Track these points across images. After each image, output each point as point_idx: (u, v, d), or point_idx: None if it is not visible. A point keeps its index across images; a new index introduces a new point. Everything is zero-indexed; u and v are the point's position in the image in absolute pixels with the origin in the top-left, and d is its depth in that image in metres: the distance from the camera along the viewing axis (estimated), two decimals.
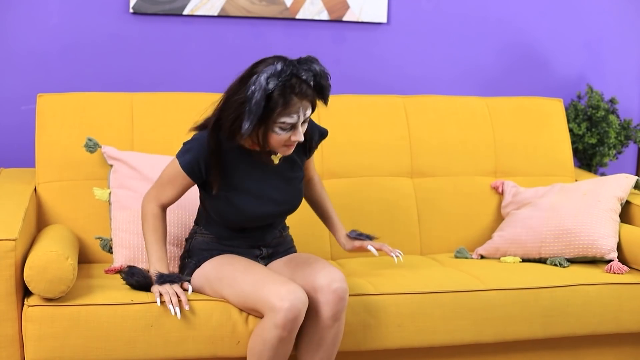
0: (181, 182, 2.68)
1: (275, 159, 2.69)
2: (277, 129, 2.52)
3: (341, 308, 2.59)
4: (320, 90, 2.53)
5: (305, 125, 2.57)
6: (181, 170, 2.65)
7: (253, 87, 2.46)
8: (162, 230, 2.73)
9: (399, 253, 2.88)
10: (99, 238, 3.06)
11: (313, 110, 2.57)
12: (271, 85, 2.45)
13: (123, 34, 3.58)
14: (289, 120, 2.50)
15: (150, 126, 3.23)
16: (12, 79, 3.50)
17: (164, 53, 3.64)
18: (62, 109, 3.19)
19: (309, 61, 2.51)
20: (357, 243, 2.89)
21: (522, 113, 3.62)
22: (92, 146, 3.10)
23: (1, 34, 3.48)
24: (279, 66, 2.47)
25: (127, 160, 3.08)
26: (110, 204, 3.06)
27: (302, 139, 2.55)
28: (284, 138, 2.54)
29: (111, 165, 3.10)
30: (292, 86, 2.47)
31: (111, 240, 3.03)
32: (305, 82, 2.49)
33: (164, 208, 2.75)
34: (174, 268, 2.90)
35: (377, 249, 2.87)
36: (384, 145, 3.42)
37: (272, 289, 2.50)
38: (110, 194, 3.06)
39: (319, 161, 3.32)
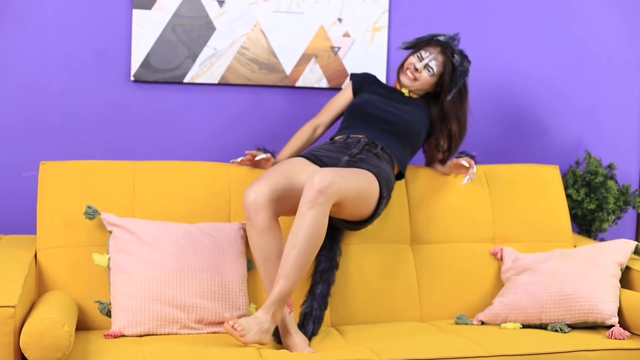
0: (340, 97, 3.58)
1: (405, 91, 3.51)
2: (413, 55, 3.46)
3: (314, 198, 2.86)
4: (452, 54, 3.44)
5: (427, 74, 3.44)
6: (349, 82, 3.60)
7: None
8: (300, 138, 3.50)
9: (470, 178, 3.35)
10: (97, 302, 3.05)
11: (445, 72, 3.42)
12: (426, 38, 3.49)
13: (124, 102, 3.62)
14: (423, 53, 3.44)
15: (151, 194, 3.25)
16: (14, 146, 3.53)
17: (164, 121, 3.66)
18: (65, 176, 3.20)
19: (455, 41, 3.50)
20: (451, 162, 3.50)
21: (519, 180, 3.63)
22: (91, 213, 3.12)
23: (3, 101, 3.51)
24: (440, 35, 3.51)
25: (126, 226, 3.10)
26: (109, 269, 3.06)
27: (418, 67, 3.42)
28: (413, 61, 3.44)
29: (110, 232, 3.11)
30: (436, 40, 3.46)
31: (110, 303, 3.03)
32: (445, 44, 3.45)
33: (315, 128, 3.53)
34: None
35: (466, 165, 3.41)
36: (383, 211, 3.43)
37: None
38: (109, 259, 3.07)
39: None
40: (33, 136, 3.54)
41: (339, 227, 3.28)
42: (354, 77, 3.58)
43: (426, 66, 3.43)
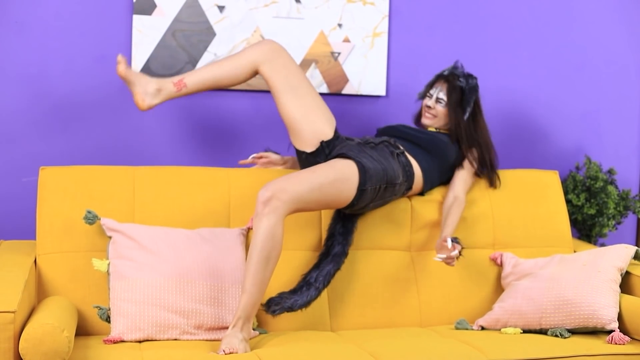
0: None
1: (432, 129, 3.60)
2: (425, 98, 3.59)
3: (259, 210, 2.96)
4: (456, 79, 3.53)
5: (440, 106, 3.54)
6: None
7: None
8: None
9: (440, 258, 3.16)
10: (97, 307, 3.05)
11: (452, 95, 3.51)
12: (432, 80, 3.63)
13: (124, 107, 3.61)
14: (431, 91, 3.57)
15: (151, 199, 3.25)
16: (14, 151, 3.53)
17: (165, 126, 3.66)
18: (65, 181, 3.20)
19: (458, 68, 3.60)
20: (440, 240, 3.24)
21: (519, 185, 3.64)
22: (91, 218, 3.12)
23: (3, 106, 3.51)
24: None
25: (126, 231, 3.10)
26: (109, 274, 3.06)
27: (430, 104, 3.55)
28: (425, 102, 3.58)
29: (110, 237, 3.11)
30: (440, 75, 3.59)
31: (109, 309, 3.03)
32: (447, 76, 3.56)
33: None
34: None
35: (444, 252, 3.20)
36: (384, 218, 3.43)
37: None
38: (109, 264, 3.06)
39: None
40: (33, 141, 3.54)
41: (352, 218, 3.32)
42: (379, 131, 3.62)
43: (437, 100, 3.55)
